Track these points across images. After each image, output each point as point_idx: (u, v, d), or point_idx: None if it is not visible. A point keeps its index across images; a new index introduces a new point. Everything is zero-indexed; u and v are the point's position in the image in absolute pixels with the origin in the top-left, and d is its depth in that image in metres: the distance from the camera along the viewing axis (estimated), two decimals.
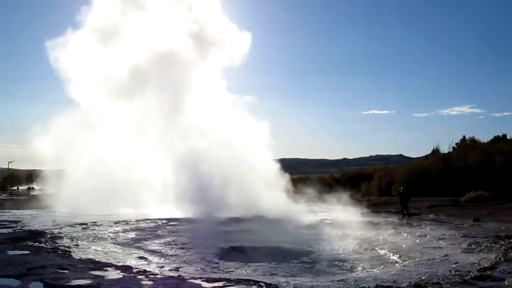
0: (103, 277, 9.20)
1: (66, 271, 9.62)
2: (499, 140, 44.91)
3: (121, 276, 9.40)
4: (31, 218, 22.77)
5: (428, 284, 8.45)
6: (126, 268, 10.17)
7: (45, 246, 13.53)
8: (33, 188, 63.45)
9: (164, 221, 21.31)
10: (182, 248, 14.49)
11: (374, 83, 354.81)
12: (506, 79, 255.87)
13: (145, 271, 10.02)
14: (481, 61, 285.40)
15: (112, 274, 9.54)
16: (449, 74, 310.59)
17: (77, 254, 12.37)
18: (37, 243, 13.89)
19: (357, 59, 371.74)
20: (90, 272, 9.68)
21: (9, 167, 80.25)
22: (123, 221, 21.17)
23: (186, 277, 9.45)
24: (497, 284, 8.67)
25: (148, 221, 21.24)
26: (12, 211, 27.59)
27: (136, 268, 10.35)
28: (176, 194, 24.62)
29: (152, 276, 9.42)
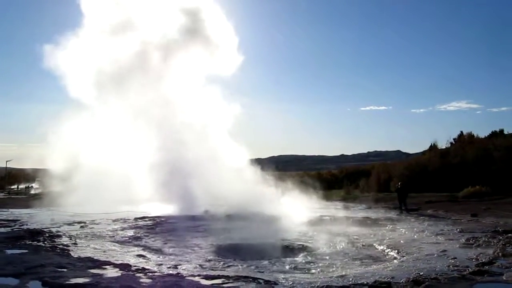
0: (101, 275, 9.20)
1: (65, 270, 9.61)
2: (497, 135, 44.93)
3: (119, 274, 9.39)
4: (29, 217, 22.73)
5: (426, 280, 8.48)
6: (124, 266, 10.16)
7: (43, 244, 13.49)
8: (31, 187, 63.39)
9: (162, 219, 21.27)
10: (180, 246, 14.48)
11: (371, 79, 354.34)
12: (503, 74, 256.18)
13: (143, 269, 10.02)
14: (478, 57, 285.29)
15: (111, 272, 9.54)
16: (447, 70, 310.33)
17: (75, 252, 12.36)
18: (35, 242, 13.84)
19: (354, 55, 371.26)
20: (89, 270, 9.67)
21: (7, 166, 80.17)
22: (121, 219, 21.16)
23: (184, 275, 9.46)
24: (495, 279, 8.71)
25: (146, 219, 21.20)
26: (10, 210, 27.52)
27: (134, 266, 10.34)
28: (163, 190, 25.01)
29: (150, 274, 9.42)
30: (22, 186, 67.71)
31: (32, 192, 53.30)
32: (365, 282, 8.60)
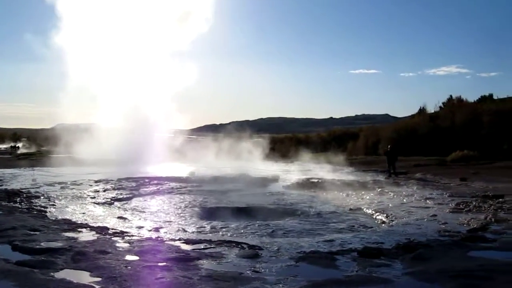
0: (76, 239, 8.68)
1: (38, 233, 9.05)
2: (486, 100, 44.70)
3: (95, 237, 8.88)
4: (11, 177, 22.15)
5: (419, 246, 8.07)
6: (102, 229, 9.65)
7: (19, 206, 12.92)
8: (17, 147, 62.59)
9: (146, 180, 20.76)
10: (163, 208, 14.03)
11: (362, 43, 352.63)
12: (494, 40, 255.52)
13: (122, 232, 9.53)
14: (468, 21, 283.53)
15: (86, 236, 9.01)
16: (437, 34, 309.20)
17: (52, 214, 11.85)
18: (11, 203, 13.24)
19: (346, 18, 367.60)
20: (63, 233, 9.14)
21: None
22: (104, 179, 20.60)
23: (165, 239, 8.99)
24: (489, 245, 8.34)
25: (130, 180, 20.62)
26: None
27: (112, 229, 9.84)
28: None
29: (128, 238, 8.93)
30: (7, 146, 66.89)
31: (18, 152, 52.60)
32: (353, 248, 8.21)
